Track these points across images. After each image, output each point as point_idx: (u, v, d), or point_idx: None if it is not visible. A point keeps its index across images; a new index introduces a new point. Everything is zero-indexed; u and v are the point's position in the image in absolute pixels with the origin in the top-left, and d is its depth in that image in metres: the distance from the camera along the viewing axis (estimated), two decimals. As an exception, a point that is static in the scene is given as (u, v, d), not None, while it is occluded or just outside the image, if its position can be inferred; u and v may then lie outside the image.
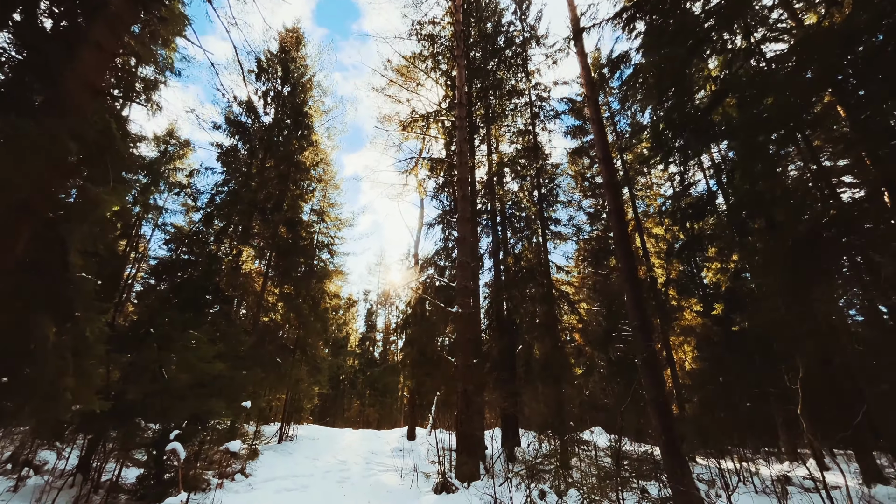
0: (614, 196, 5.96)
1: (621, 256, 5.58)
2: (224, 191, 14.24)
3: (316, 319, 13.71)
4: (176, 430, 5.01)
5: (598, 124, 6.59)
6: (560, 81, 14.43)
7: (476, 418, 6.96)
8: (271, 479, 6.96)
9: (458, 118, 9.53)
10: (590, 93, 6.97)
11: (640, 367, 5.06)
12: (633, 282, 5.43)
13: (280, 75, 16.41)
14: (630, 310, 5.36)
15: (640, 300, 5.33)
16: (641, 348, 5.06)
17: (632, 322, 5.26)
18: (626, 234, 5.74)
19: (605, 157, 6.21)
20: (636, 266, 5.89)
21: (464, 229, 8.32)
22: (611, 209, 5.90)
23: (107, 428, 5.35)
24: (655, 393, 4.74)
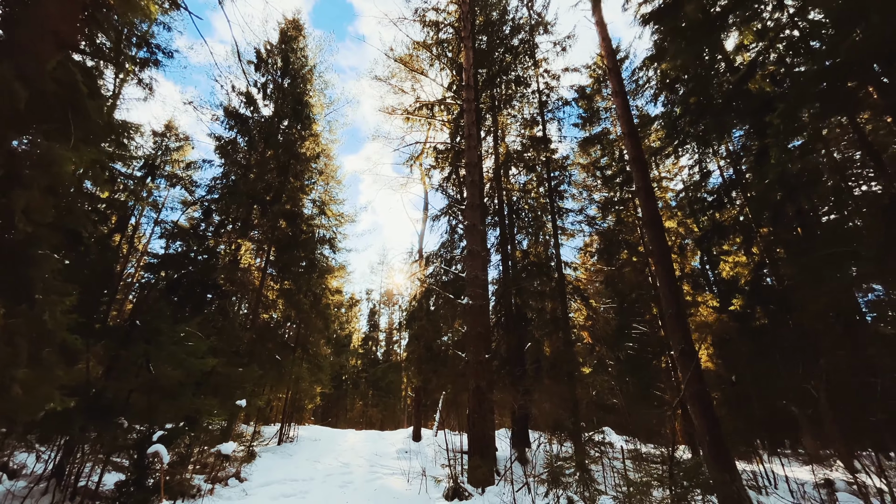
0: (642, 172, 5.43)
1: (652, 238, 5.05)
2: (223, 183, 13.80)
3: (317, 316, 13.22)
4: (160, 431, 4.50)
5: (622, 97, 6.07)
6: (570, 68, 13.89)
7: (489, 417, 6.43)
8: (268, 483, 6.45)
9: (465, 100, 9.02)
10: (611, 64, 6.44)
11: (678, 361, 4.52)
12: (666, 265, 4.90)
13: (280, 66, 15.95)
14: (664, 297, 4.83)
15: (675, 286, 4.79)
16: (678, 339, 4.53)
17: (665, 310, 4.73)
18: (657, 213, 5.22)
19: (631, 131, 5.68)
20: (669, 248, 5.35)
21: (473, 216, 7.80)
22: (639, 186, 5.37)
23: (86, 428, 4.85)
24: (696, 388, 4.21)
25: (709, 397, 4.20)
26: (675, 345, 4.58)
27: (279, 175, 13.79)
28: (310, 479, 7.28)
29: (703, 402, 4.15)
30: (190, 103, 14.33)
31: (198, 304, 11.83)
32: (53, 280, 3.13)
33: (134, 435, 4.83)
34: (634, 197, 17.63)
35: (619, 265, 15.33)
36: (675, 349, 4.56)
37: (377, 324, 37.87)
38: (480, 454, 5.94)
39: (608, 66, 6.46)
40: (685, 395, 4.33)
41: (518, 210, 14.32)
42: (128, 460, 4.66)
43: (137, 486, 4.29)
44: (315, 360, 13.33)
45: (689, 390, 4.27)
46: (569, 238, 15.96)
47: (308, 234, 14.06)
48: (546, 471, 5.58)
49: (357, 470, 8.28)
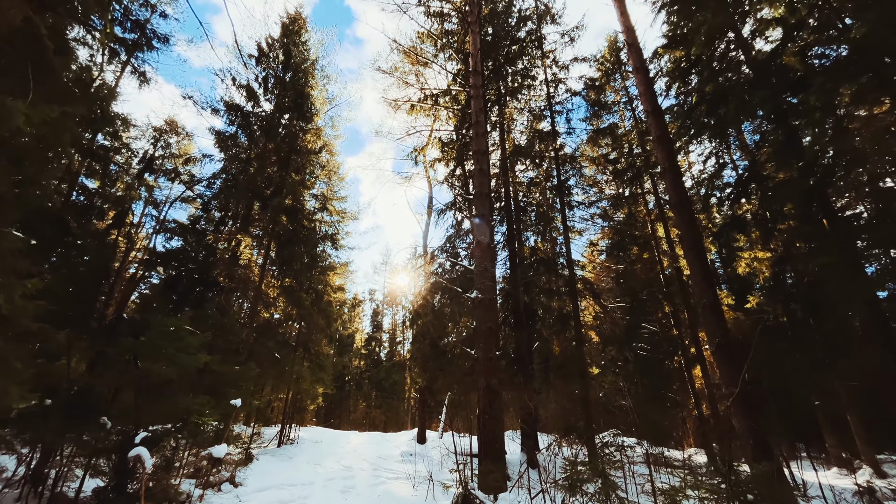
0: (668, 152, 5.00)
1: (682, 222, 4.63)
2: (222, 178, 13.47)
3: (319, 314, 12.83)
4: (144, 432, 4.11)
5: (643, 73, 5.64)
6: (580, 58, 13.46)
7: (500, 419, 6.00)
8: (264, 488, 6.04)
9: (473, 86, 8.62)
10: (630, 39, 6.02)
11: (714, 356, 4.08)
12: (698, 251, 4.47)
13: (281, 60, 15.63)
14: (696, 284, 4.39)
15: (709, 273, 4.36)
16: (713, 332, 4.09)
17: (699, 300, 4.30)
18: (685, 195, 4.79)
19: (655, 108, 5.26)
20: (701, 233, 4.92)
21: (482, 206, 7.39)
22: (665, 167, 4.95)
23: (64, 429, 4.46)
24: (737, 387, 3.77)
25: (752, 397, 3.76)
26: (709, 338, 4.14)
27: (280, 169, 13.44)
28: (310, 483, 6.87)
29: (747, 403, 3.72)
30: (189, 98, 13.99)
31: (197, 302, 11.49)
32: (12, 259, 2.74)
33: (116, 437, 4.44)
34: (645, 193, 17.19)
35: (630, 262, 14.85)
36: (711, 343, 4.12)
37: (380, 324, 37.49)
38: (492, 458, 5.51)
39: (627, 41, 6.04)
40: (726, 393, 3.89)
41: (525, 205, 13.90)
42: (107, 464, 4.26)
43: (117, 492, 3.90)
44: (317, 359, 12.94)
45: (728, 390, 3.84)
46: (577, 235, 15.53)
47: (310, 229, 13.69)
48: (563, 477, 5.15)
49: (360, 474, 7.86)
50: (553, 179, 13.60)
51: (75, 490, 4.57)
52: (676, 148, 15.24)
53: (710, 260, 15.70)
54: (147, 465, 3.80)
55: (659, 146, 5.09)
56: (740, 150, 14.05)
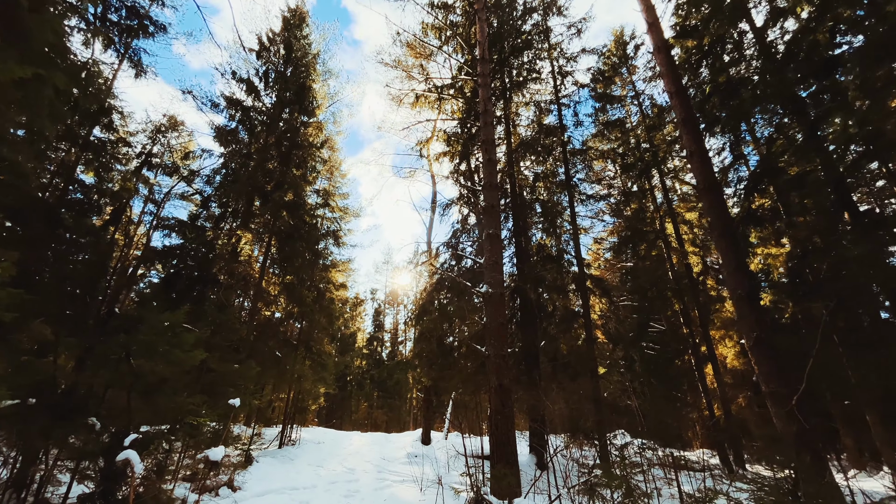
0: (694, 135, 4.68)
1: (711, 207, 4.31)
2: (222, 173, 13.18)
3: (320, 311, 12.53)
4: (133, 434, 3.80)
5: (665, 52, 5.33)
6: (587, 49, 13.14)
7: (512, 419, 5.68)
8: (264, 492, 5.73)
9: (480, 74, 8.32)
10: (651, 18, 5.71)
11: (751, 351, 3.76)
12: (730, 239, 4.14)
13: (283, 54, 15.35)
14: (729, 274, 4.07)
15: (743, 262, 4.03)
16: (750, 325, 3.77)
17: (733, 291, 3.98)
18: (714, 179, 4.47)
19: (679, 89, 4.94)
20: (732, 219, 4.60)
21: (491, 197, 7.08)
22: (692, 150, 4.63)
23: (50, 430, 4.16)
24: (777, 384, 3.45)
25: (795, 395, 3.43)
26: (746, 333, 3.82)
27: (281, 164, 13.15)
28: (312, 486, 6.57)
29: (788, 402, 3.39)
30: (189, 92, 13.71)
31: (197, 300, 11.19)
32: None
33: (105, 438, 4.13)
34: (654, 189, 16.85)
35: (639, 258, 14.51)
36: (748, 338, 3.80)
37: (382, 324, 37.21)
38: (505, 461, 5.19)
39: (647, 20, 5.73)
40: (764, 393, 3.57)
41: (532, 201, 13.55)
42: (93, 469, 3.95)
43: (104, 499, 3.60)
44: (318, 358, 12.64)
45: (769, 388, 3.52)
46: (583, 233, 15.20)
47: (311, 225, 13.39)
48: (583, 482, 4.83)
49: (363, 476, 7.56)
50: (560, 174, 13.30)
51: (62, 496, 4.27)
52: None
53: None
54: (136, 469, 3.49)
55: (685, 128, 4.78)
56: (753, 144, 13.70)
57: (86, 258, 8.70)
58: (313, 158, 13.84)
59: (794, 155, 9.62)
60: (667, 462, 6.99)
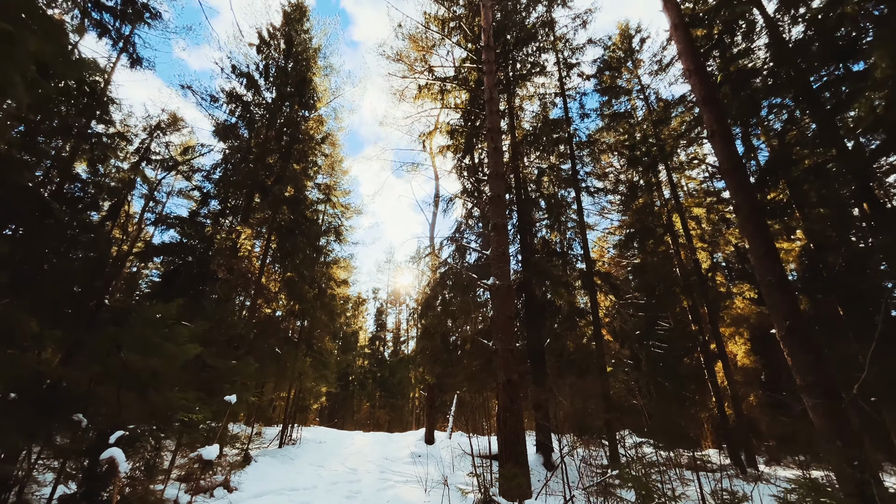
0: (716, 114, 4.41)
1: (736, 191, 4.03)
2: (222, 168, 12.96)
3: (322, 308, 12.28)
4: (120, 430, 3.55)
5: (683, 29, 5.05)
6: (594, 39, 12.87)
7: (521, 417, 5.42)
8: (262, 493, 5.49)
9: (486, 62, 8.06)
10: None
11: (784, 341, 3.49)
12: (757, 222, 3.87)
13: (283, 49, 15.12)
14: (757, 260, 3.80)
15: (773, 247, 3.75)
16: (783, 314, 3.50)
17: (762, 278, 3.70)
18: (738, 160, 4.19)
19: (698, 66, 4.67)
20: (759, 202, 4.32)
21: (497, 186, 6.82)
22: (713, 131, 4.35)
23: (33, 427, 3.92)
24: (817, 378, 3.17)
25: (836, 390, 3.16)
26: (777, 322, 3.55)
27: (281, 158, 12.92)
28: (312, 487, 6.32)
29: (831, 397, 3.12)
30: (188, 87, 13.49)
31: (195, 296, 10.96)
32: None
33: (91, 436, 3.89)
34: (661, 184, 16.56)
35: (646, 254, 14.21)
36: (780, 327, 3.53)
37: (384, 323, 36.98)
38: (515, 461, 4.93)
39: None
40: (801, 388, 3.30)
41: (537, 197, 13.28)
42: (76, 468, 3.71)
43: (87, 500, 3.36)
44: (320, 356, 12.39)
45: (805, 381, 3.24)
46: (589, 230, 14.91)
47: (312, 220, 13.15)
48: (598, 482, 4.56)
49: (366, 477, 7.30)
50: (565, 169, 13.03)
51: (46, 498, 4.03)
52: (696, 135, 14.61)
53: (732, 251, 15.02)
54: (121, 468, 3.25)
55: (705, 107, 4.51)
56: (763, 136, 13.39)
57: (82, 255, 8.49)
58: (314, 153, 13.60)
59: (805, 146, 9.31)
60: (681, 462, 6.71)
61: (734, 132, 11.70)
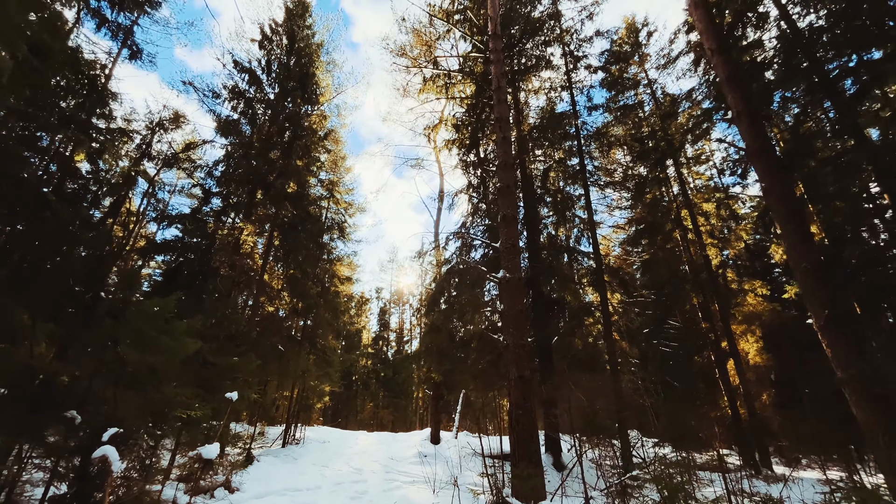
0: (742, 94, 4.17)
1: (765, 174, 3.80)
2: (224, 164, 12.80)
3: (325, 306, 12.09)
4: (113, 428, 3.35)
5: (704, 8, 4.82)
6: (602, 31, 12.62)
7: (535, 415, 5.19)
8: (264, 494, 5.28)
9: (493, 51, 7.84)
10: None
11: (822, 331, 3.25)
12: (790, 206, 3.63)
13: (286, 45, 14.96)
14: (791, 246, 3.56)
15: (807, 232, 3.52)
16: (821, 300, 3.26)
17: (797, 264, 3.47)
18: (767, 141, 3.96)
19: (721, 46, 4.43)
20: (792, 185, 4.08)
21: (506, 177, 6.60)
22: (738, 111, 4.11)
23: (24, 424, 3.73)
24: (860, 370, 2.94)
25: (882, 383, 2.92)
26: (814, 311, 3.31)
27: (283, 153, 12.75)
28: (316, 488, 6.11)
29: (873, 388, 2.88)
30: (190, 83, 13.33)
31: (198, 293, 10.80)
32: None
33: (85, 434, 3.69)
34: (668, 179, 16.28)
35: (656, 250, 13.93)
36: (817, 316, 3.29)
37: (387, 323, 36.80)
38: (528, 460, 4.70)
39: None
40: (842, 381, 3.06)
41: (543, 193, 13.03)
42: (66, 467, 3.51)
43: (78, 500, 3.16)
44: (323, 354, 12.20)
45: (850, 373, 3.01)
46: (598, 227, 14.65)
47: (315, 217, 12.96)
48: (617, 483, 4.32)
49: (371, 477, 7.09)
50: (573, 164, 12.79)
51: (38, 499, 3.83)
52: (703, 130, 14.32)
53: (743, 247, 14.72)
54: (115, 468, 3.05)
55: (729, 87, 4.27)
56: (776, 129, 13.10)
57: (84, 253, 8.33)
58: (317, 149, 13.42)
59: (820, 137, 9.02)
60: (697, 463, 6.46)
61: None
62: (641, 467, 4.45)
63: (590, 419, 9.83)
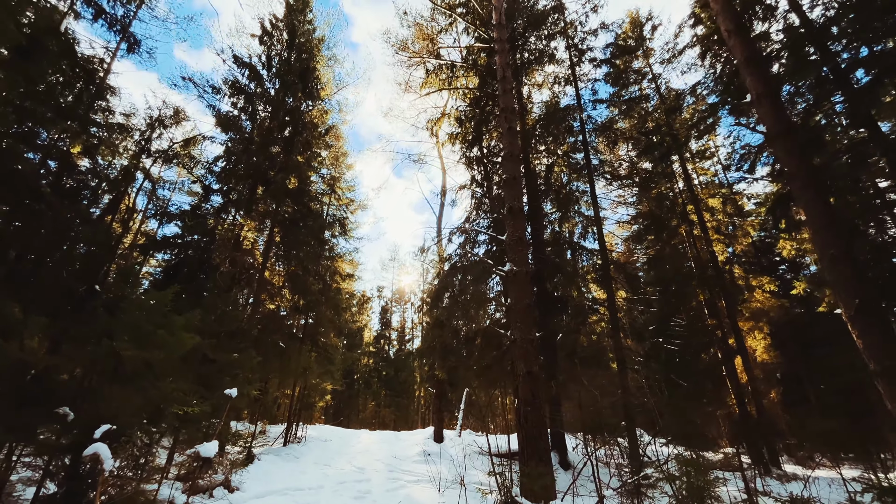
0: (761, 75, 3.99)
1: (789, 157, 3.62)
2: (224, 160, 12.66)
3: (327, 303, 11.94)
4: (106, 425, 3.19)
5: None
6: (607, 23, 12.44)
7: (544, 412, 5.03)
8: (265, 493, 5.13)
9: (497, 40, 7.67)
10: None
11: (852, 321, 3.08)
12: (817, 191, 3.45)
13: (286, 40, 14.80)
14: (816, 232, 3.39)
15: (834, 218, 3.34)
16: (850, 287, 3.09)
17: (823, 251, 3.29)
18: (790, 123, 3.78)
19: (738, 26, 4.25)
20: (817, 169, 3.90)
21: (513, 168, 6.43)
22: (759, 93, 3.93)
23: (14, 421, 3.58)
24: (893, 360, 2.77)
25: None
26: (843, 300, 3.13)
27: (284, 148, 12.59)
28: (318, 487, 5.95)
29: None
30: (189, 79, 13.16)
31: (197, 290, 10.65)
32: None
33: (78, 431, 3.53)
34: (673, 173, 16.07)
35: (662, 246, 13.73)
36: (846, 306, 3.12)
37: (389, 322, 36.67)
38: (538, 458, 4.54)
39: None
40: (875, 373, 2.89)
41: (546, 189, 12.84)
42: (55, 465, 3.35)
43: (68, 501, 3.01)
44: (325, 351, 12.05)
45: (883, 365, 2.84)
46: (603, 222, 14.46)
47: (317, 213, 12.80)
48: (631, 481, 4.15)
49: (375, 476, 6.93)
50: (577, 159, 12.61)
51: (30, 500, 3.69)
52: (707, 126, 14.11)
53: (750, 242, 14.51)
54: (106, 466, 2.90)
55: (748, 69, 4.09)
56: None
57: (84, 251, 8.19)
58: (318, 144, 13.25)
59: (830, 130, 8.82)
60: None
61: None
62: (654, 466, 4.28)
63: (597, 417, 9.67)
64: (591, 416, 9.94)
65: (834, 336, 9.79)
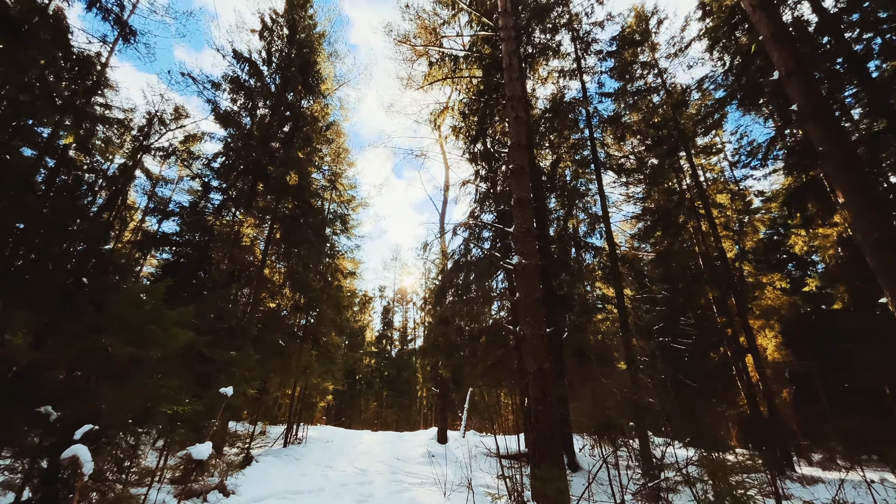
0: (790, 51, 3.73)
1: (822, 137, 3.36)
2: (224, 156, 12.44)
3: (328, 301, 11.70)
4: (87, 425, 2.96)
5: (742, -38, 4.38)
6: (614, 14, 12.16)
7: (555, 411, 4.77)
8: (262, 497, 4.89)
9: (503, 28, 7.43)
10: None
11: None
12: (853, 171, 3.18)
13: (286, 35, 14.59)
14: (855, 215, 3.12)
15: (873, 199, 3.08)
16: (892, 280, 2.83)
17: (866, 236, 3.01)
18: (821, 100, 3.53)
19: (763, 1, 3.99)
20: (853, 148, 3.63)
21: (520, 158, 6.18)
22: (788, 70, 3.67)
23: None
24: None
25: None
26: (892, 289, 2.86)
27: (284, 145, 12.38)
28: (318, 490, 5.71)
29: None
30: (188, 74, 12.95)
31: (197, 289, 10.44)
32: None
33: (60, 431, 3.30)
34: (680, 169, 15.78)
35: (671, 241, 13.43)
36: (893, 295, 2.85)
37: (391, 322, 36.42)
38: (550, 460, 4.28)
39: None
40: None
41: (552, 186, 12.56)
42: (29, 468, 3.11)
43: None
44: (326, 350, 11.81)
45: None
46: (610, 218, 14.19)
47: (318, 209, 12.57)
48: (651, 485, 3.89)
49: (377, 478, 6.68)
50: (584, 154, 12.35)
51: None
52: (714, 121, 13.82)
53: (759, 239, 14.21)
54: (86, 469, 2.65)
55: (775, 45, 3.82)
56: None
57: (82, 248, 7.97)
58: (318, 139, 13.02)
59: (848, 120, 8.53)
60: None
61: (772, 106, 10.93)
62: (673, 469, 4.02)
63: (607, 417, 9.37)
64: (602, 416, 9.65)
65: (847, 334, 9.47)
